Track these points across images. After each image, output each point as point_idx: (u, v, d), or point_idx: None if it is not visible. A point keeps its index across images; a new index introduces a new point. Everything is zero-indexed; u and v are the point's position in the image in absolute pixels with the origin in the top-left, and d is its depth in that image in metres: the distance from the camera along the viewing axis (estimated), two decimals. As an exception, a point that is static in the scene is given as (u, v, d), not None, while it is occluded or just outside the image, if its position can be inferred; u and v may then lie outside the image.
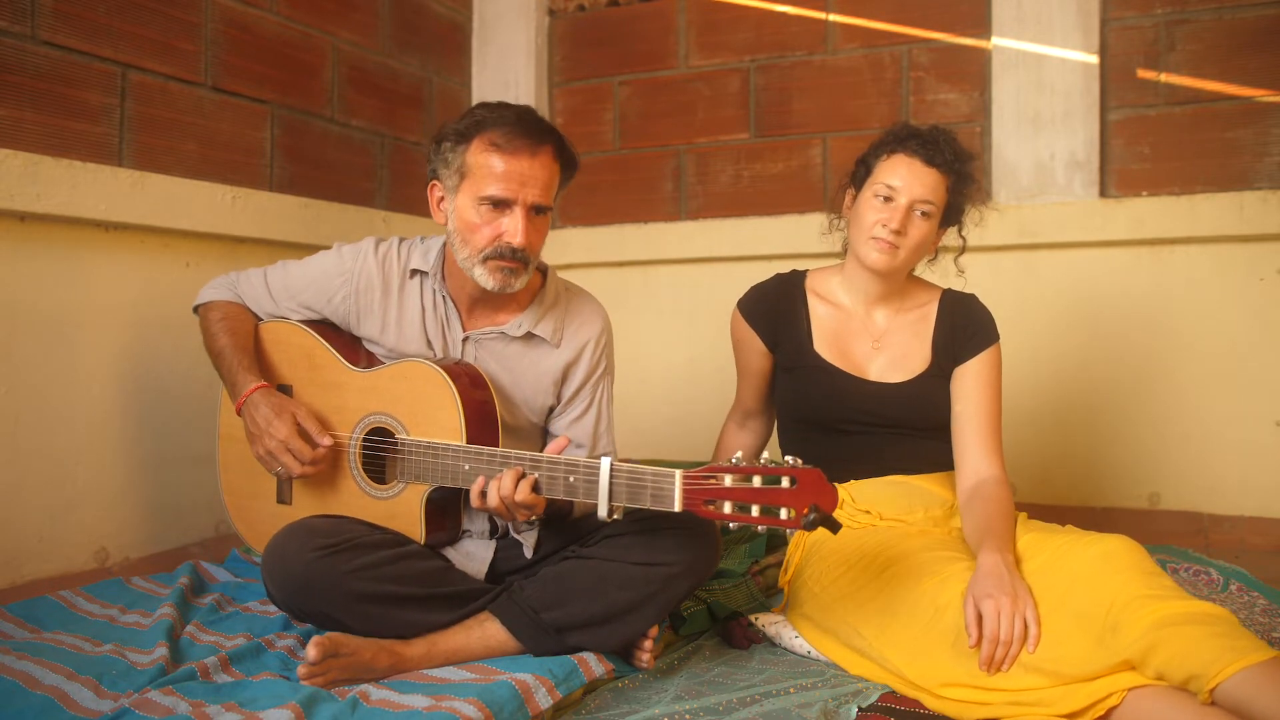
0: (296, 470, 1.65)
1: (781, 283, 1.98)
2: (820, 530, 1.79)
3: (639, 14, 3.32)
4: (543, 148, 1.63)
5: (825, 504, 1.33)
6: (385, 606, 1.54)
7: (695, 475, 1.39)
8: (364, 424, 1.72)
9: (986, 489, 1.71)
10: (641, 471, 1.43)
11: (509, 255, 1.63)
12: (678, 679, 1.60)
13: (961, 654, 1.47)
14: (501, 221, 1.62)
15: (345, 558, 1.54)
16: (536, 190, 1.62)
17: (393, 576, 1.55)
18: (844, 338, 1.89)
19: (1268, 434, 2.60)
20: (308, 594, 1.54)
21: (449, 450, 1.61)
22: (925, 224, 1.78)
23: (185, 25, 2.33)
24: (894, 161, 1.79)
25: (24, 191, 1.93)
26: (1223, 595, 2.01)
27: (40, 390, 2.02)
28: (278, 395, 1.72)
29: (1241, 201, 2.58)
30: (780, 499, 1.34)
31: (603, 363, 1.82)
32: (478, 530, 1.76)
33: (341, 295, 1.80)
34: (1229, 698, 1.24)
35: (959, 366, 1.83)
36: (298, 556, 1.53)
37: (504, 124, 1.62)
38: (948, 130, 1.83)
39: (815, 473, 1.34)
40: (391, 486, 1.69)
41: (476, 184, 1.63)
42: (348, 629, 1.54)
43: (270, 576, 1.56)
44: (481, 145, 1.62)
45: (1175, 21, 2.69)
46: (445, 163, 1.67)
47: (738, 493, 1.36)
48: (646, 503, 1.43)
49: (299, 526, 1.60)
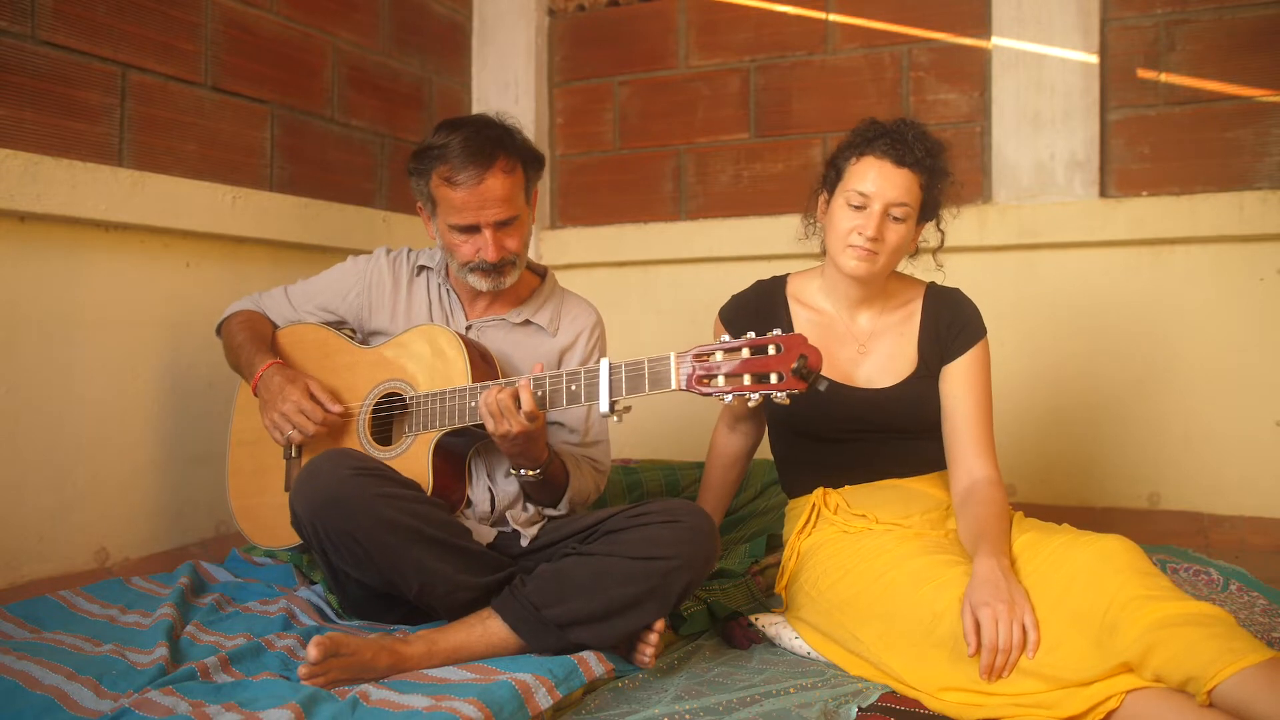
0: (310, 429, 1.73)
1: (761, 291, 1.94)
2: (816, 536, 1.80)
3: (639, 14, 3.32)
4: (491, 168, 1.72)
5: (811, 357, 1.40)
6: (405, 539, 1.56)
7: (689, 354, 1.47)
8: (375, 392, 1.80)
9: (980, 491, 1.69)
10: (638, 361, 1.51)
11: (489, 268, 1.77)
12: (678, 679, 1.60)
13: (960, 660, 1.46)
14: (475, 240, 1.76)
15: (376, 482, 1.57)
16: (495, 209, 1.73)
17: (418, 514, 1.58)
18: (828, 344, 1.83)
19: (1268, 434, 2.60)
20: (335, 508, 1.55)
21: (456, 393, 1.68)
22: (901, 226, 1.73)
23: (185, 25, 2.33)
24: (864, 165, 1.74)
25: (24, 191, 1.93)
26: (1222, 595, 2.01)
27: (40, 390, 2.02)
28: (291, 369, 1.82)
29: (1241, 201, 2.58)
30: (769, 365, 1.42)
31: (596, 352, 1.92)
32: (479, 501, 1.79)
33: (355, 292, 1.94)
34: (1227, 699, 1.23)
35: (947, 366, 1.80)
36: (332, 473, 1.56)
37: (451, 155, 1.72)
38: (916, 124, 1.78)
39: (799, 337, 1.42)
40: (400, 444, 1.75)
41: (444, 214, 1.77)
42: (364, 556, 1.56)
43: (299, 493, 1.58)
44: (437, 180, 1.75)
45: (1175, 21, 2.69)
46: (418, 191, 1.82)
47: (729, 366, 1.44)
48: (646, 388, 1.50)
49: (333, 451, 1.63)
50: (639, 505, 1.68)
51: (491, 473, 1.82)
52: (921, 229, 1.85)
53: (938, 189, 1.79)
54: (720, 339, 1.47)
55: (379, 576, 1.61)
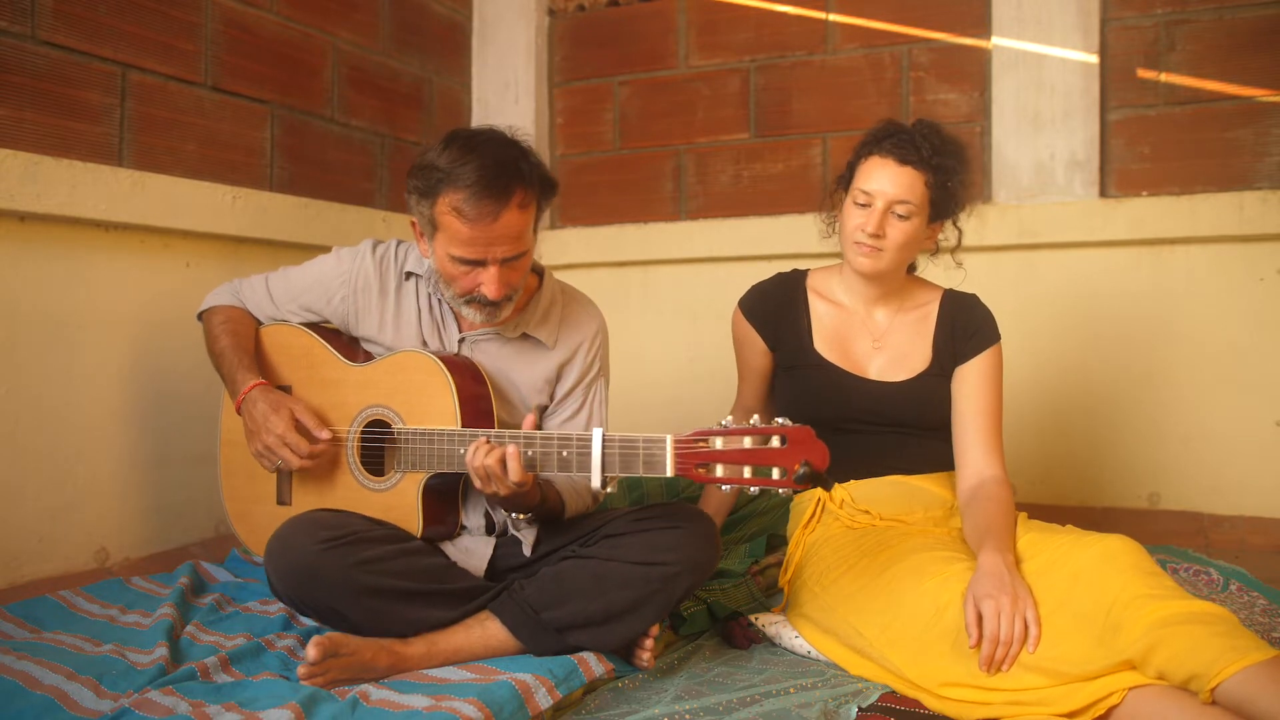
0: (295, 464, 1.65)
1: (782, 281, 1.98)
2: (821, 531, 1.81)
3: (639, 14, 3.32)
4: (508, 205, 1.56)
5: (816, 460, 1.34)
6: (389, 601, 1.54)
7: (686, 439, 1.40)
8: (361, 417, 1.73)
9: (987, 489, 1.71)
10: (633, 438, 1.44)
11: (487, 303, 1.64)
12: (678, 679, 1.60)
13: (962, 654, 1.47)
14: (477, 274, 1.61)
15: (350, 550, 1.54)
16: (504, 247, 1.59)
17: (397, 571, 1.55)
18: (844, 336, 1.89)
19: (1268, 434, 2.60)
20: (313, 585, 1.53)
21: (444, 435, 1.61)
22: (906, 224, 1.76)
23: (185, 25, 2.33)
24: (870, 164, 1.78)
25: (24, 191, 1.93)
26: (1223, 595, 2.01)
27: (40, 390, 2.02)
28: (276, 392, 1.72)
29: (1241, 201, 2.58)
30: (771, 458, 1.35)
31: (596, 364, 1.82)
32: (475, 526, 1.76)
33: (340, 295, 1.81)
34: (1230, 697, 1.24)
35: (960, 366, 1.83)
36: (303, 548, 1.53)
37: (465, 184, 1.54)
38: (933, 124, 1.80)
39: (805, 430, 1.35)
40: (389, 478, 1.70)
41: (446, 242, 1.60)
42: (351, 623, 1.54)
43: (274, 568, 1.56)
44: (445, 207, 1.57)
45: (1175, 21, 2.69)
46: (418, 211, 1.64)
47: (729, 455, 1.37)
48: (639, 469, 1.43)
49: (303, 519, 1.60)
50: (640, 509, 1.68)
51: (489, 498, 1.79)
52: (938, 228, 1.85)
53: (948, 187, 1.79)
54: (721, 422, 1.39)
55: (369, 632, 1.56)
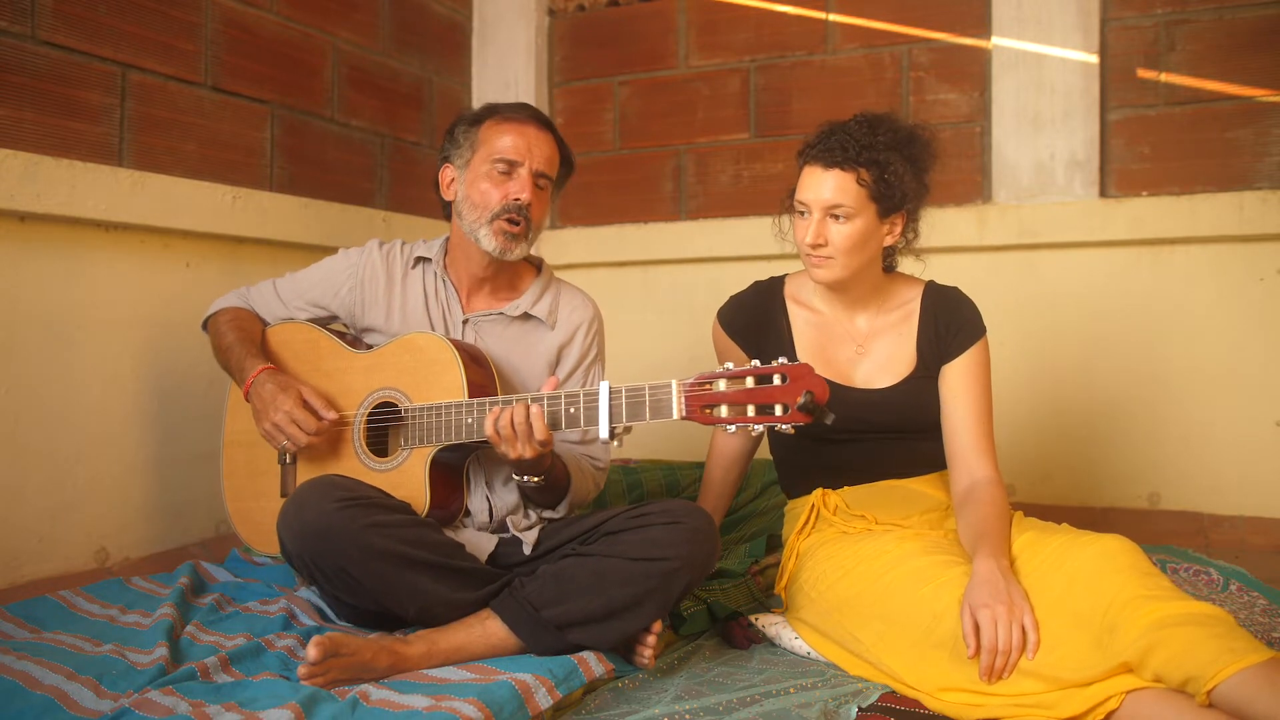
0: (303, 440, 1.70)
1: (759, 292, 1.94)
2: (815, 536, 1.80)
3: (639, 14, 3.32)
4: (546, 130, 1.84)
5: (818, 391, 1.38)
6: (398, 567, 1.55)
7: (692, 383, 1.46)
8: (369, 400, 1.77)
9: (980, 491, 1.69)
10: (639, 387, 1.50)
11: (515, 212, 1.77)
12: (678, 679, 1.60)
13: (960, 661, 1.46)
14: (509, 183, 1.79)
15: (365, 512, 1.55)
16: (541, 157, 1.81)
17: (409, 539, 1.57)
18: (826, 345, 1.85)
19: (1268, 434, 2.60)
20: (325, 544, 1.53)
21: (453, 407, 1.66)
22: (848, 226, 1.71)
23: (185, 25, 2.33)
24: (803, 175, 1.76)
25: (24, 191, 1.93)
26: (1222, 595, 2.01)
27: (40, 390, 2.02)
28: (283, 375, 1.78)
29: (1241, 201, 2.58)
30: (774, 395, 1.40)
31: (594, 348, 1.91)
32: (478, 510, 1.78)
33: (348, 287, 1.90)
34: (1227, 699, 1.23)
35: (946, 365, 1.79)
36: (318, 506, 1.53)
37: (512, 110, 1.85)
38: (872, 117, 1.74)
39: (805, 367, 1.40)
40: (395, 457, 1.72)
41: (488, 151, 1.81)
42: (358, 586, 1.55)
43: (287, 527, 1.56)
44: (492, 123, 1.83)
45: (1175, 21, 2.69)
46: (457, 144, 1.85)
47: (733, 395, 1.42)
48: (647, 415, 1.49)
49: (319, 480, 1.60)
50: (639, 506, 1.68)
51: (490, 481, 1.81)
52: (898, 219, 1.77)
53: (889, 178, 1.71)
54: (724, 366, 1.45)
55: (374, 602, 1.59)
